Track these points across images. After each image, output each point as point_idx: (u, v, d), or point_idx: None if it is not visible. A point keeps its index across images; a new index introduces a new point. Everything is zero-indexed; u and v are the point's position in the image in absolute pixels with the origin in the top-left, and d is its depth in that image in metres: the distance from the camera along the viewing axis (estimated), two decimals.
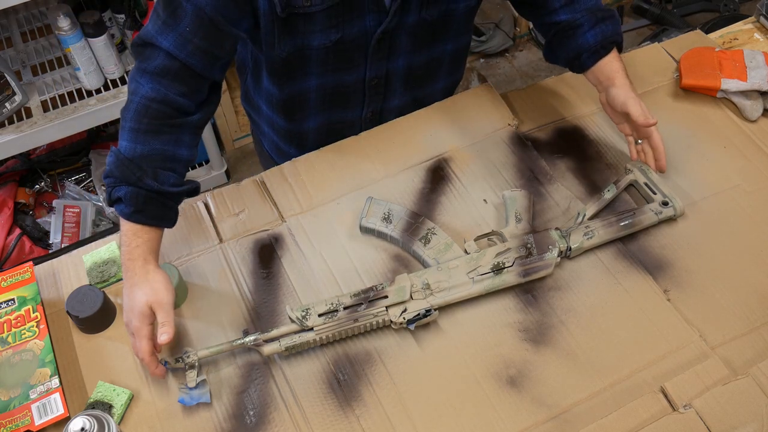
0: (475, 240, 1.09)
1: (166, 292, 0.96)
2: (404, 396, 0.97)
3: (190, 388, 0.96)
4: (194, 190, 1.07)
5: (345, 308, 0.99)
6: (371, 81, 1.20)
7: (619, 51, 1.17)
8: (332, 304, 1.00)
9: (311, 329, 0.98)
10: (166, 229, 1.04)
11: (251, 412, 0.97)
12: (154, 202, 1.00)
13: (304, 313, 0.98)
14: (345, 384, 0.99)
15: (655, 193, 1.13)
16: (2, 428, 0.94)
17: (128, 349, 1.03)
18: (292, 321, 0.99)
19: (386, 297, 1.01)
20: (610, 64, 1.15)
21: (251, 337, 0.98)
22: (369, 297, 1.01)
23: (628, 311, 1.04)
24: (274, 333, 0.98)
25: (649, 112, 1.10)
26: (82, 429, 0.85)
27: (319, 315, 0.99)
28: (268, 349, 0.98)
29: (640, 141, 1.17)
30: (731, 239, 1.11)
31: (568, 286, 1.07)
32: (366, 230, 1.11)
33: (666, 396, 0.95)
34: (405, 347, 1.02)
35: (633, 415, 0.93)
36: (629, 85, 1.13)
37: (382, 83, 1.21)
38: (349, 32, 1.09)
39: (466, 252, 1.06)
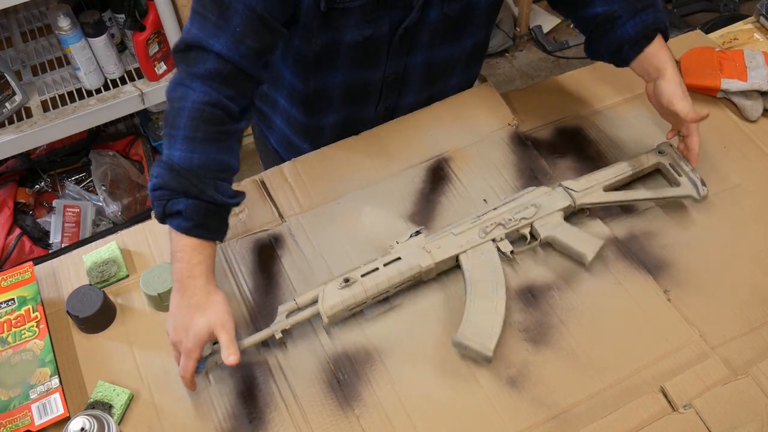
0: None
1: (229, 317, 0.94)
2: (404, 396, 0.97)
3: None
4: (241, 200, 1.03)
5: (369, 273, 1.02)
6: (389, 77, 1.19)
7: (665, 39, 1.12)
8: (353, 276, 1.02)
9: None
10: (165, 228, 1.04)
11: (251, 412, 0.97)
12: (215, 215, 0.96)
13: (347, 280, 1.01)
14: (345, 384, 0.99)
15: (680, 176, 1.13)
16: (2, 428, 0.94)
17: (128, 349, 1.03)
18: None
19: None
20: (657, 54, 1.10)
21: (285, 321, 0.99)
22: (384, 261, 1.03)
23: (628, 311, 1.04)
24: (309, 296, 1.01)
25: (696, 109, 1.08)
26: (82, 429, 0.85)
27: (362, 276, 1.02)
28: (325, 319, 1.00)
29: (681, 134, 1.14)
30: (731, 239, 1.11)
31: (568, 286, 1.07)
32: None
33: (666, 396, 0.95)
34: (405, 347, 1.02)
35: (633, 415, 0.93)
36: (678, 80, 1.09)
37: (399, 79, 1.21)
38: (380, 28, 1.08)
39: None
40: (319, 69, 1.15)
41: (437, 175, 1.21)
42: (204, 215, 0.95)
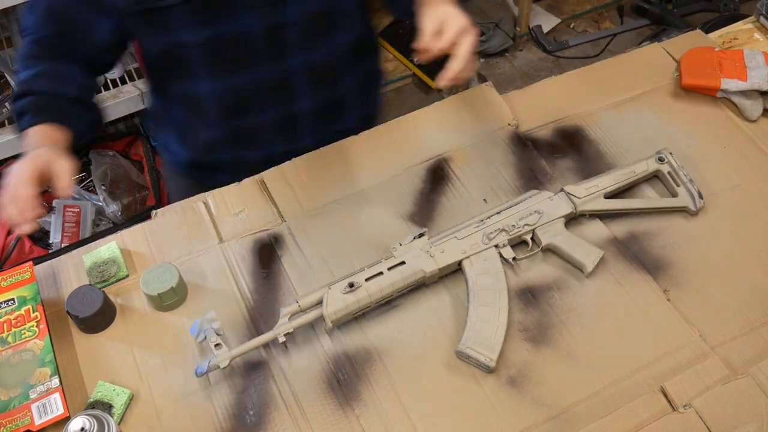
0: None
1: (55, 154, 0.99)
2: (404, 396, 0.97)
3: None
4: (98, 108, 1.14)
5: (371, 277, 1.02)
6: (268, 83, 1.15)
7: None
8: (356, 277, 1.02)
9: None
10: (165, 228, 1.04)
11: (251, 412, 0.97)
12: (57, 103, 1.06)
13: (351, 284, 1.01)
14: (345, 384, 0.99)
15: (678, 186, 1.14)
16: (2, 428, 0.94)
17: (128, 349, 1.03)
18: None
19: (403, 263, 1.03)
20: None
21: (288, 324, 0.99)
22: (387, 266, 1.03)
23: (628, 311, 1.04)
24: (313, 298, 1.01)
25: (442, 36, 0.99)
26: (82, 429, 0.85)
27: (366, 279, 1.01)
28: (329, 320, 1.00)
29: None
30: (731, 239, 1.11)
31: (568, 286, 1.07)
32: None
33: (666, 396, 0.95)
34: (405, 347, 1.02)
35: (633, 415, 0.93)
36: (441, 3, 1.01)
37: (282, 86, 1.16)
38: (224, 28, 1.05)
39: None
40: (175, 72, 1.13)
41: (437, 175, 1.21)
42: (47, 103, 1.06)
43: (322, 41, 1.15)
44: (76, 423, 0.85)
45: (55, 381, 0.98)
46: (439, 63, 1.68)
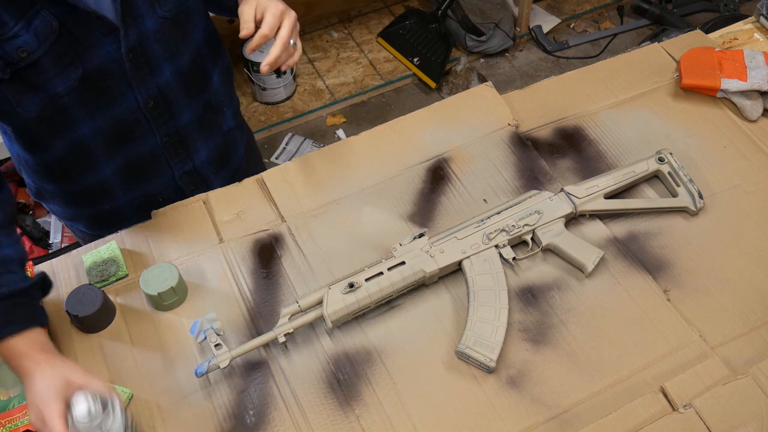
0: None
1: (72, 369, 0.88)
2: (404, 396, 0.97)
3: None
4: (45, 279, 0.99)
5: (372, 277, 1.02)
6: (147, 104, 1.09)
7: None
8: (355, 277, 1.02)
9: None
10: (165, 228, 1.03)
11: (251, 412, 0.97)
12: (18, 306, 0.92)
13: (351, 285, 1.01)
14: (345, 384, 0.99)
15: (679, 186, 1.14)
16: (2, 428, 0.94)
17: (128, 349, 1.03)
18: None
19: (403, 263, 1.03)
20: None
21: (287, 325, 0.99)
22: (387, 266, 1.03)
23: (628, 311, 1.04)
24: (314, 298, 1.01)
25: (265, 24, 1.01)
26: (89, 412, 0.83)
27: (366, 280, 1.02)
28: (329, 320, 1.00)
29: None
30: (731, 239, 1.11)
31: (568, 286, 1.07)
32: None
33: (666, 396, 0.95)
34: (405, 347, 1.02)
35: (633, 415, 0.93)
36: None
37: (161, 102, 1.11)
38: (90, 62, 1.00)
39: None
40: (56, 129, 1.06)
41: (437, 175, 1.21)
42: (8, 312, 0.90)
43: (184, 42, 1.11)
44: (80, 407, 0.83)
45: None
46: (439, 63, 1.70)
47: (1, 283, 0.91)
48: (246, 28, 1.02)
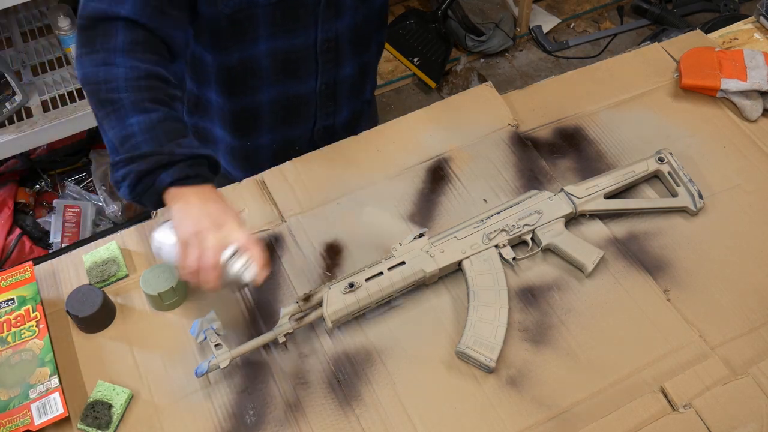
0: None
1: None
2: (404, 396, 0.97)
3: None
4: (215, 158, 0.99)
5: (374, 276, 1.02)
6: (323, 45, 1.15)
7: None
8: (356, 277, 1.02)
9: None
10: None
11: (251, 412, 0.97)
12: (195, 166, 0.93)
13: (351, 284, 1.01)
14: (345, 384, 0.99)
15: (679, 186, 1.14)
16: (2, 428, 0.94)
17: (128, 349, 1.03)
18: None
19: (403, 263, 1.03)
20: None
21: (288, 324, 0.99)
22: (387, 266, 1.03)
23: (628, 311, 1.04)
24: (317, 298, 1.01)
25: None
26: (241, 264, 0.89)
27: (366, 280, 1.02)
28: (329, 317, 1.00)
29: None
30: (731, 239, 1.11)
31: (568, 286, 1.07)
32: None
33: (666, 396, 0.95)
34: (405, 347, 1.02)
35: (633, 415, 0.93)
36: None
37: (333, 47, 1.17)
38: None
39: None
40: (239, 37, 1.09)
41: (437, 175, 1.21)
42: (191, 169, 0.92)
43: (365, 4, 1.17)
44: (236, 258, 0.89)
45: (55, 381, 0.98)
46: (439, 63, 1.68)
47: (182, 144, 0.92)
48: None
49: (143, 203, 0.96)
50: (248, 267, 0.90)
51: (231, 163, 1.34)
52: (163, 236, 0.95)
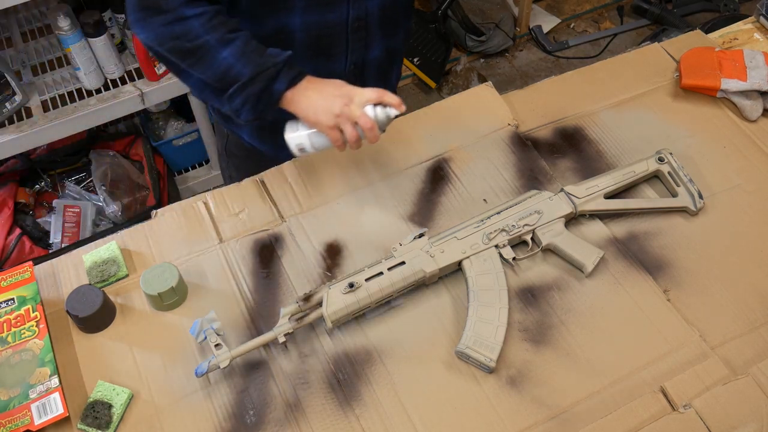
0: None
1: None
2: (404, 396, 0.97)
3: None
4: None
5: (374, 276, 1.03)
6: (353, 23, 1.17)
7: None
8: (356, 277, 1.02)
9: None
10: (165, 228, 1.04)
11: (251, 412, 0.97)
12: (292, 66, 1.06)
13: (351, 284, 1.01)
14: (345, 383, 0.99)
15: (679, 186, 1.14)
16: (2, 428, 0.94)
17: (128, 349, 1.03)
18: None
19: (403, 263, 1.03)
20: None
21: (287, 325, 0.99)
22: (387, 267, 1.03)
23: (628, 311, 1.04)
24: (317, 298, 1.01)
25: None
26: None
27: (366, 280, 1.02)
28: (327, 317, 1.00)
29: None
30: (731, 239, 1.11)
31: (568, 286, 1.07)
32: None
33: (666, 396, 0.95)
34: (405, 347, 1.02)
35: (633, 415, 0.93)
36: None
37: (363, 26, 1.18)
38: None
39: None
40: (273, 7, 1.13)
41: (437, 175, 1.21)
42: (291, 70, 1.05)
43: None
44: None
45: (55, 381, 0.98)
46: (439, 63, 1.67)
47: (272, 54, 1.04)
48: None
49: (265, 116, 1.08)
50: (388, 109, 1.04)
51: (257, 139, 1.35)
52: (299, 134, 1.08)
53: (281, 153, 1.25)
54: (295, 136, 1.08)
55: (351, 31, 1.18)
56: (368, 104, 1.04)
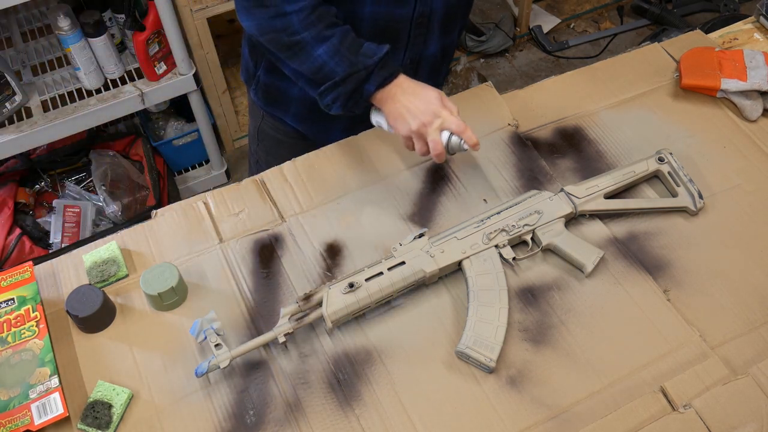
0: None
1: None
2: (404, 396, 0.97)
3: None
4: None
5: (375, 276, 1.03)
6: (418, 18, 1.18)
7: None
8: (356, 277, 1.02)
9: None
10: (165, 228, 1.04)
11: (251, 412, 0.97)
12: (389, 62, 1.10)
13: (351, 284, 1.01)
14: (345, 384, 0.99)
15: (679, 186, 1.14)
16: (2, 428, 0.94)
17: (128, 349, 1.03)
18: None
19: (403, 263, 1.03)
20: None
21: (287, 325, 0.99)
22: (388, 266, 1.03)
23: (628, 311, 1.04)
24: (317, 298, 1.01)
25: None
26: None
27: (366, 280, 1.02)
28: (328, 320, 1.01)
29: None
30: (731, 239, 1.11)
31: (568, 286, 1.07)
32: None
33: (666, 396, 0.95)
34: (405, 347, 1.02)
35: (633, 415, 0.93)
36: None
37: (426, 23, 1.20)
38: None
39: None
40: None
41: (437, 175, 1.21)
42: (384, 71, 1.08)
43: None
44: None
45: (55, 381, 0.98)
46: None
47: (367, 53, 1.08)
48: None
49: (354, 112, 1.13)
50: (462, 143, 1.08)
51: (302, 122, 1.37)
52: (381, 121, 1.14)
53: (326, 138, 1.28)
54: (377, 117, 1.15)
55: (413, 27, 1.20)
56: (447, 131, 1.07)
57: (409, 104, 1.08)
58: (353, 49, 1.08)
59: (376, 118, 1.15)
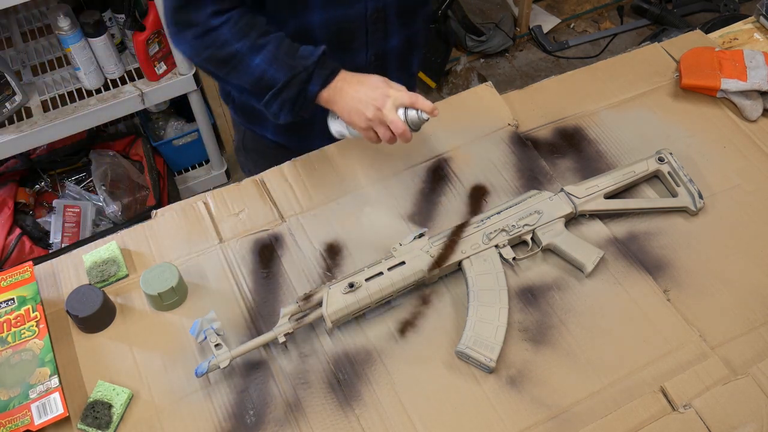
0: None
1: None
2: (404, 396, 0.97)
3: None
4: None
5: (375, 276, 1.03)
6: (372, 15, 1.18)
7: None
8: (356, 277, 1.02)
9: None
10: (165, 228, 1.04)
11: (251, 412, 0.97)
12: (325, 63, 1.08)
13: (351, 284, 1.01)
14: (345, 384, 0.99)
15: (679, 186, 1.14)
16: (2, 428, 0.94)
17: (128, 349, 1.03)
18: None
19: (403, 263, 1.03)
20: None
21: (286, 325, 0.99)
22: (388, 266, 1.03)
23: (628, 311, 1.04)
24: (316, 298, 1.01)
25: None
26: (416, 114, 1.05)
27: (366, 280, 1.02)
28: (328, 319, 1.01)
29: None
30: (731, 239, 1.11)
31: (568, 286, 1.07)
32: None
33: (666, 396, 0.95)
34: (405, 347, 1.02)
35: (633, 415, 0.93)
36: None
37: (382, 17, 1.19)
38: None
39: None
40: (293, 5, 1.14)
41: (437, 175, 1.21)
42: (324, 68, 1.07)
43: None
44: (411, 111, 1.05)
45: (55, 381, 0.98)
46: (439, 63, 1.67)
47: (304, 55, 1.07)
48: None
49: (303, 116, 1.11)
50: (420, 113, 1.05)
51: (284, 135, 1.36)
52: (339, 122, 1.13)
53: (308, 146, 1.27)
54: (335, 125, 1.14)
55: (370, 24, 1.19)
56: (401, 107, 1.06)
57: (357, 93, 1.07)
58: (290, 54, 1.07)
59: (335, 127, 1.14)
